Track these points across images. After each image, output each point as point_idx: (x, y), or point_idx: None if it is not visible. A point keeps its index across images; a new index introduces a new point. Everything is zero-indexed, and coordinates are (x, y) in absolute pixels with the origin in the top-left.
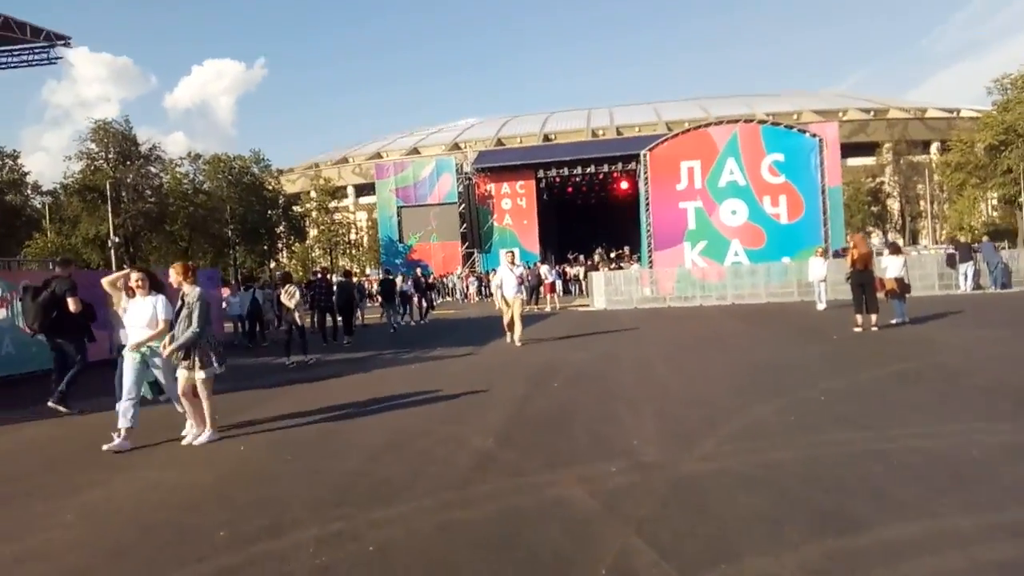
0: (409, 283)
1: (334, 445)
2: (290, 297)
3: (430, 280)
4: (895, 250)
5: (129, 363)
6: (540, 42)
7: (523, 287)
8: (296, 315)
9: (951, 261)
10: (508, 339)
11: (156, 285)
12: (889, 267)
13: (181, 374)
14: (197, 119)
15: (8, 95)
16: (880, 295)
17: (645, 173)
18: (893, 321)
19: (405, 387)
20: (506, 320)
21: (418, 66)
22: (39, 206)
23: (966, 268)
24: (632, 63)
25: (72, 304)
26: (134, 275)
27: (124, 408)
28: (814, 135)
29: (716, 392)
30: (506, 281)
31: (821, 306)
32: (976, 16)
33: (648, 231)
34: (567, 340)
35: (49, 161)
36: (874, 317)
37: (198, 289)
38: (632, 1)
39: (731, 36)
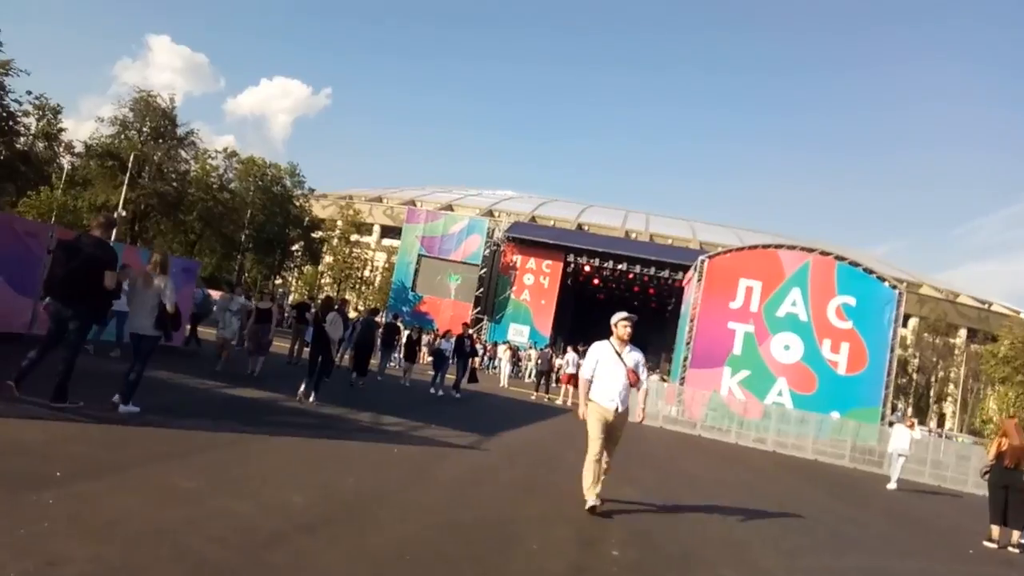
0: (450, 342)
1: None
2: (335, 329)
3: (474, 343)
4: None
5: None
6: (581, 132)
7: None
8: (334, 349)
9: None
10: (592, 500)
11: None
12: None
13: None
14: (252, 128)
15: (82, 63)
16: None
17: (699, 281)
18: None
19: (373, 484)
20: (593, 451)
21: (462, 132)
22: (67, 165)
23: None
24: (668, 176)
25: (109, 278)
26: None
27: None
28: (894, 286)
29: None
30: (603, 370)
31: (892, 485)
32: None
33: (688, 345)
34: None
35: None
36: (1016, 534)
37: None
38: (677, 120)
39: (767, 175)
